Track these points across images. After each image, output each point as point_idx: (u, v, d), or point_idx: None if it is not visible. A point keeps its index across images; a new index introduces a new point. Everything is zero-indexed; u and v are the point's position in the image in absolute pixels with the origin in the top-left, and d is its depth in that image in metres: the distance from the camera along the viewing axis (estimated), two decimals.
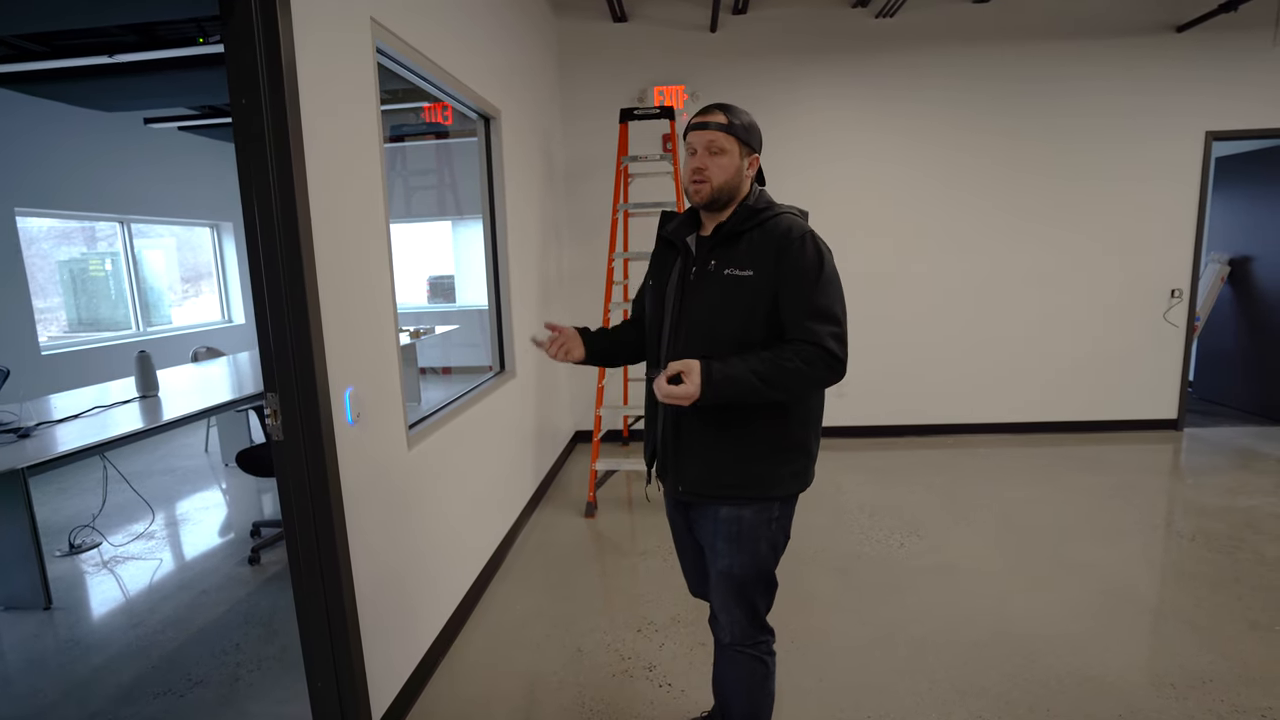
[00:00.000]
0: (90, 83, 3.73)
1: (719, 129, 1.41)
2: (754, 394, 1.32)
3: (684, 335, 1.45)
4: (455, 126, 5.43)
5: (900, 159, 4.47)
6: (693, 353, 1.39)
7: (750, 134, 1.44)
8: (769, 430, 1.43)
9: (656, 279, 1.56)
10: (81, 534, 3.41)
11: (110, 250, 5.73)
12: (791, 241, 1.37)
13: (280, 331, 1.56)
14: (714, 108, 1.44)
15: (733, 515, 1.46)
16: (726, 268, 1.40)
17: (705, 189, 1.42)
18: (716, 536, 1.48)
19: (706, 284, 1.42)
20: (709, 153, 1.41)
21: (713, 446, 1.44)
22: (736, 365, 1.33)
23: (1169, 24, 4.23)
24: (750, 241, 1.41)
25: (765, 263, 1.37)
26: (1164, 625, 2.39)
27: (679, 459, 1.49)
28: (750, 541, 1.47)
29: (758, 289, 1.37)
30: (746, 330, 1.39)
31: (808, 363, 1.33)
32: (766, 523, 1.47)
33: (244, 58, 1.45)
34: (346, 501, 1.70)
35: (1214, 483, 3.73)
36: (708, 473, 1.46)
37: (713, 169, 1.41)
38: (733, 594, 1.51)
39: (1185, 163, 4.39)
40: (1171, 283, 4.52)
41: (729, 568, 1.49)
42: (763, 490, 1.45)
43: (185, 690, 2.17)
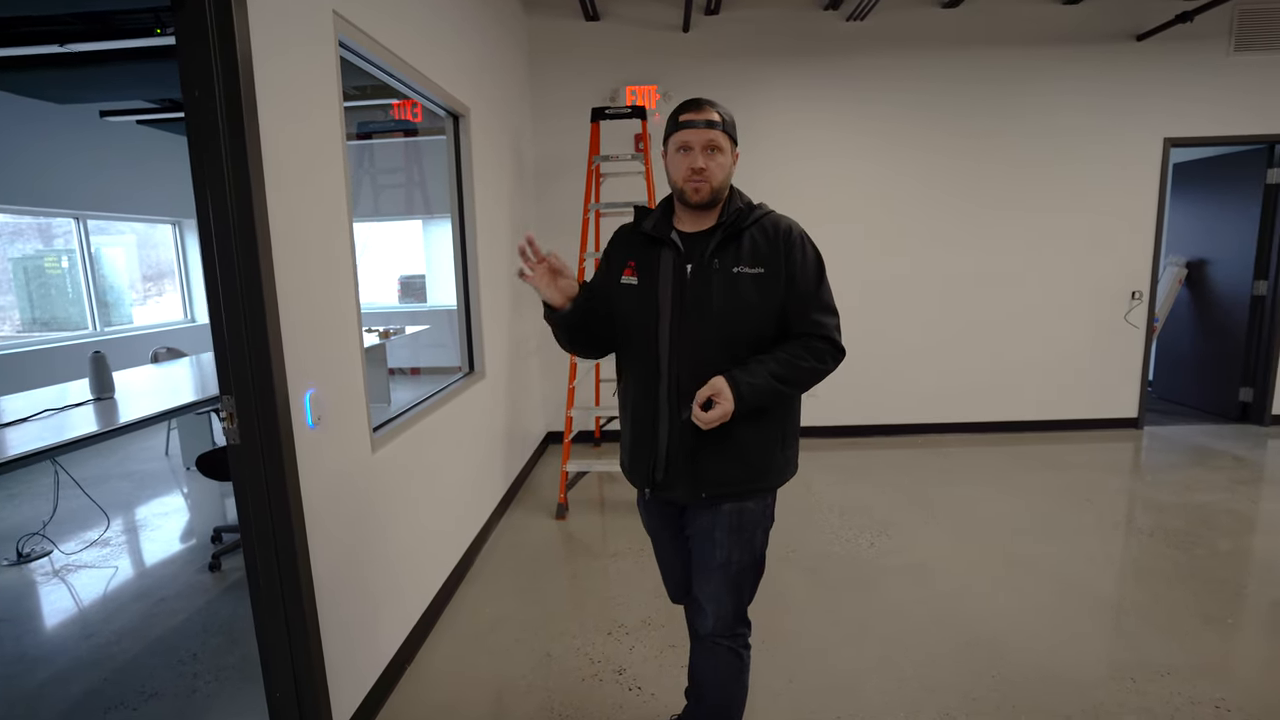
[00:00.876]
0: (41, 73, 3.59)
1: (713, 127, 1.40)
2: (777, 397, 1.40)
3: (690, 336, 1.42)
4: (425, 124, 5.36)
5: (868, 160, 4.52)
6: (708, 353, 1.40)
7: (736, 130, 1.47)
8: (778, 420, 1.47)
9: (643, 277, 1.48)
10: (31, 542, 3.28)
11: (66, 248, 5.54)
12: (794, 240, 1.43)
13: (237, 332, 1.51)
14: (704, 104, 1.41)
15: (735, 508, 1.48)
16: (735, 266, 1.40)
17: (706, 189, 1.40)
18: (715, 528, 1.49)
19: (713, 283, 1.41)
20: (708, 151, 1.39)
21: (733, 444, 1.44)
22: (759, 373, 1.37)
23: (1129, 33, 4.34)
24: (752, 239, 1.42)
25: (774, 260, 1.41)
26: (1124, 620, 2.44)
27: (695, 465, 1.46)
28: (749, 531, 1.49)
29: (769, 286, 1.40)
30: (761, 328, 1.42)
31: (819, 358, 1.41)
32: (764, 510, 1.51)
33: (196, 48, 1.41)
34: (307, 506, 1.66)
35: (1172, 480, 3.83)
36: (729, 473, 1.46)
37: (712, 169, 1.40)
38: (727, 585, 1.52)
39: (1145, 168, 4.51)
40: (1132, 285, 4.65)
41: (726, 559, 1.50)
42: (773, 479, 1.49)
43: (139, 703, 2.09)
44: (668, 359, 1.45)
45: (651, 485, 1.52)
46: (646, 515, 1.66)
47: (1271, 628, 2.38)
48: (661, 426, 1.48)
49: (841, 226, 4.57)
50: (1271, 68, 4.36)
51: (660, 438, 1.49)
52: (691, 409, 1.37)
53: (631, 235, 1.54)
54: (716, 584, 1.52)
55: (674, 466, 1.48)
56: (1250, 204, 4.77)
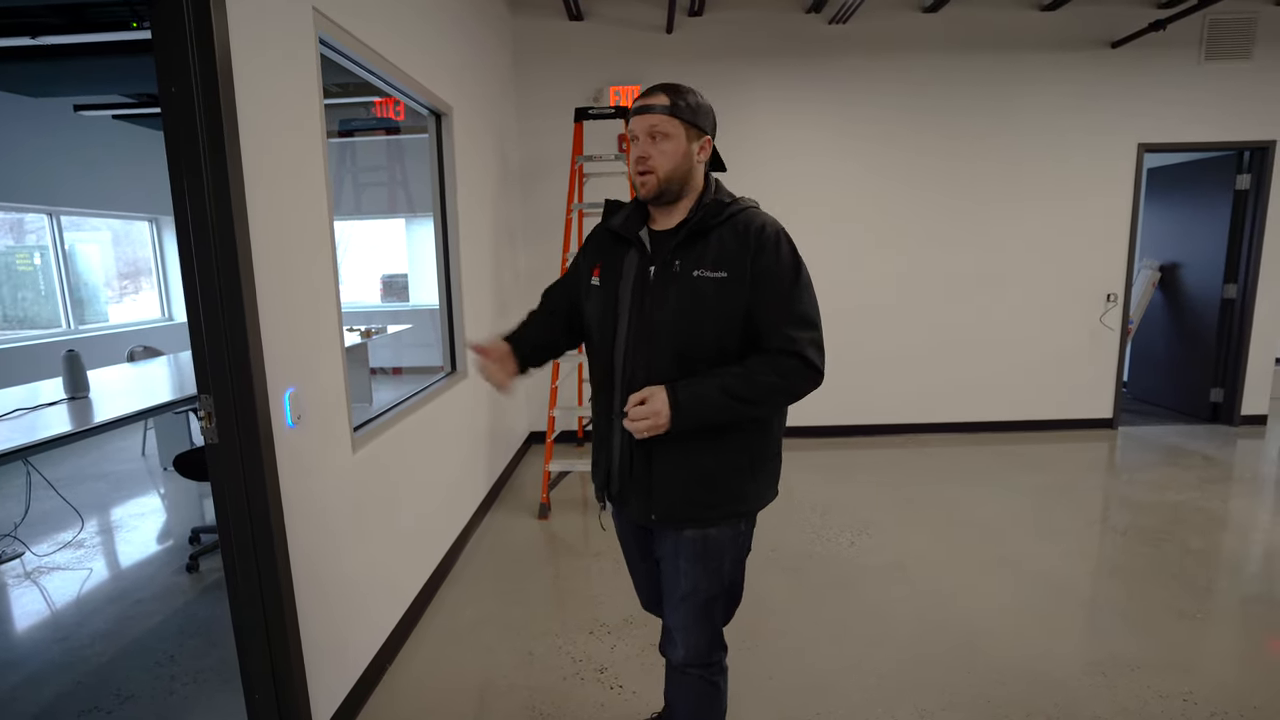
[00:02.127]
0: (13, 66, 3.52)
1: (662, 112, 1.25)
2: (728, 413, 1.23)
3: (646, 346, 1.29)
4: (407, 122, 5.32)
5: (849, 162, 4.57)
6: (661, 364, 1.27)
7: (699, 114, 1.28)
8: (746, 443, 1.33)
9: (605, 279, 1.37)
10: (2, 544, 3.21)
11: (39, 244, 5.42)
12: (766, 240, 1.25)
13: (214, 330, 1.49)
14: (656, 89, 1.28)
15: (698, 535, 1.35)
16: (696, 269, 1.26)
17: (651, 180, 1.27)
18: (679, 556, 1.37)
19: (672, 287, 1.27)
20: (651, 139, 1.26)
21: (687, 466, 1.31)
22: (705, 385, 1.22)
23: (1104, 40, 4.43)
24: (720, 239, 1.27)
25: (739, 263, 1.24)
26: (1098, 615, 2.49)
27: (648, 483, 1.34)
28: (715, 560, 1.36)
29: (733, 292, 1.24)
30: (722, 338, 1.26)
31: (785, 375, 1.23)
32: (733, 539, 1.38)
33: (174, 43, 1.39)
34: (286, 507, 1.65)
35: (1145, 479, 3.91)
36: (683, 495, 1.33)
37: (657, 157, 1.26)
38: (694, 615, 1.40)
39: (1119, 173, 4.60)
40: (1107, 287, 4.73)
41: (692, 589, 1.37)
42: (738, 506, 1.36)
43: (114, 706, 2.06)
44: (621, 367, 1.34)
45: (607, 497, 1.46)
46: (617, 523, 1.57)
47: (1239, 622, 2.44)
48: (615, 438, 1.38)
49: (822, 227, 4.61)
50: (1240, 76, 4.46)
51: (614, 450, 1.39)
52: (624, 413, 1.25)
53: (604, 234, 1.43)
54: (684, 614, 1.40)
55: (626, 482, 1.38)
56: (1220, 209, 4.88)
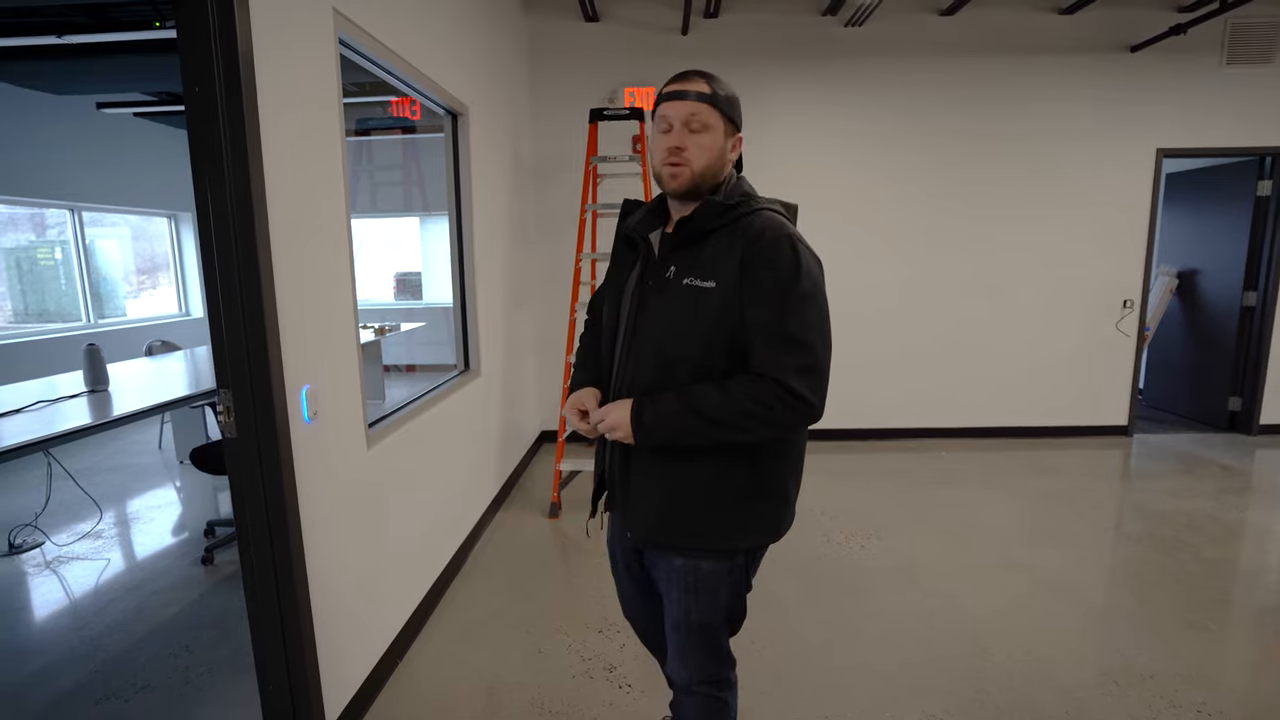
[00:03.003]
0: (39, 64, 3.59)
1: (702, 100, 1.16)
2: (697, 435, 1.12)
3: (633, 354, 1.22)
4: (423, 121, 5.36)
5: (864, 165, 4.55)
6: (643, 376, 1.20)
7: (734, 108, 1.20)
8: (735, 470, 1.20)
9: (612, 283, 1.33)
10: (23, 533, 3.27)
11: (60, 238, 5.51)
12: (763, 246, 1.12)
13: (234, 326, 1.52)
14: (693, 74, 1.18)
15: (689, 566, 1.26)
16: (687, 276, 1.15)
17: (685, 174, 1.16)
18: (671, 585, 1.30)
19: (663, 296, 1.18)
20: (688, 129, 1.16)
21: (662, 488, 1.22)
22: (672, 402, 1.13)
23: (1123, 44, 4.39)
24: (717, 244, 1.16)
25: (730, 271, 1.12)
26: (1110, 624, 2.47)
27: (628, 498, 1.28)
28: (709, 593, 1.27)
29: (721, 304, 1.12)
30: (706, 355, 1.15)
31: (764, 403, 1.09)
32: (727, 573, 1.27)
33: (198, 44, 1.42)
34: (302, 501, 1.67)
35: (1160, 487, 3.87)
36: (659, 518, 1.24)
37: (693, 150, 1.16)
38: (693, 642, 1.31)
39: (1137, 178, 4.55)
40: (1123, 293, 4.69)
41: (685, 618, 1.29)
42: (724, 541, 1.23)
43: (130, 695, 2.10)
44: (615, 377, 1.28)
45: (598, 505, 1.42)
46: (610, 532, 1.51)
47: (1254, 634, 2.41)
48: (605, 445, 1.34)
49: (836, 231, 4.60)
50: (1262, 80, 4.41)
51: (604, 458, 1.36)
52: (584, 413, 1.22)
53: (619, 236, 1.38)
54: (680, 642, 1.33)
55: (613, 493, 1.32)
56: (1241, 215, 4.82)
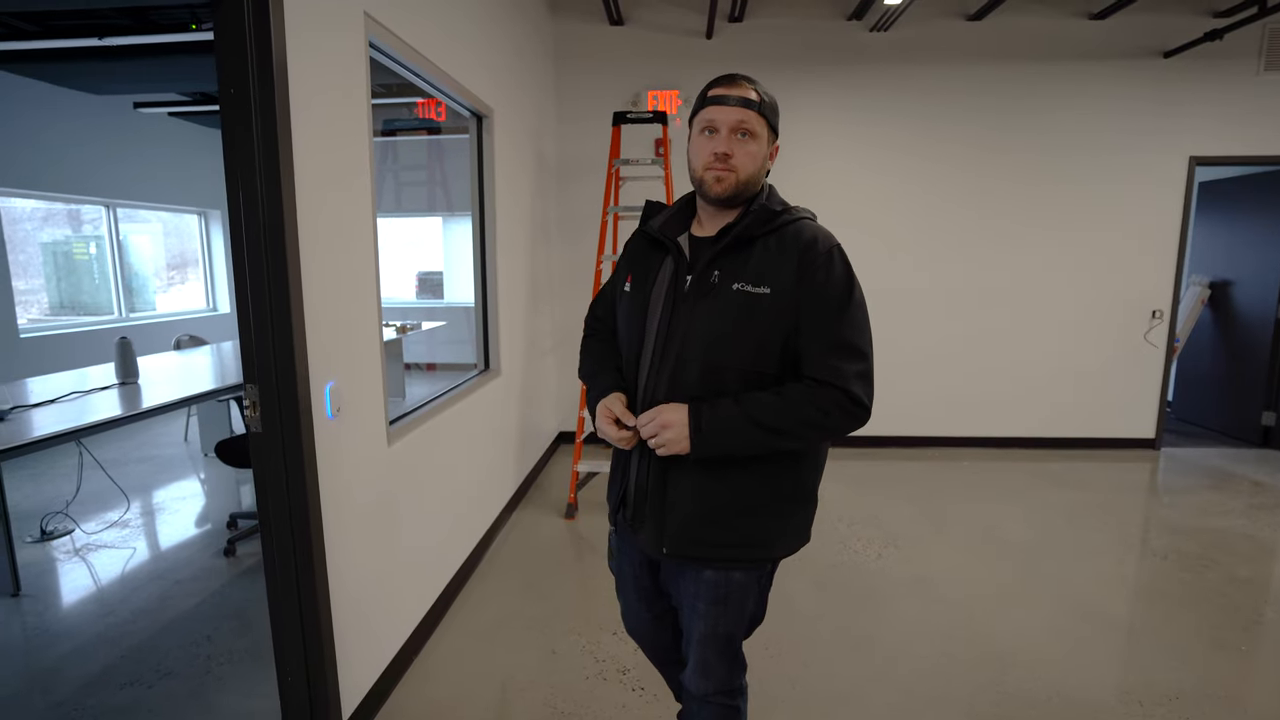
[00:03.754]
0: (80, 64, 3.69)
1: (749, 106, 1.14)
2: (756, 445, 1.13)
3: (673, 363, 1.19)
4: (449, 123, 5.42)
5: (889, 171, 4.51)
6: (686, 382, 1.17)
7: (777, 115, 1.21)
8: (776, 478, 1.20)
9: (638, 286, 1.27)
10: (54, 520, 3.36)
11: (95, 234, 5.66)
12: (817, 256, 1.13)
13: (262, 323, 1.55)
14: (740, 78, 1.18)
15: (720, 577, 1.24)
16: (736, 281, 1.14)
17: (730, 181, 1.16)
18: (699, 599, 1.27)
19: (708, 300, 1.16)
20: (736, 135, 1.15)
21: (704, 499, 1.20)
22: (731, 411, 1.11)
23: (1156, 50, 4.30)
24: (765, 250, 1.16)
25: (785, 279, 1.13)
26: (1135, 642, 2.42)
27: (661, 512, 1.23)
28: (738, 602, 1.27)
29: (775, 312, 1.13)
30: (757, 362, 1.15)
31: (824, 410, 1.11)
32: (756, 581, 1.28)
33: (233, 46, 1.45)
34: (323, 496, 1.69)
35: (1188, 503, 3.78)
36: (698, 530, 1.21)
37: (740, 157, 1.15)
38: (716, 652, 1.30)
39: (1168, 186, 4.46)
40: (1152, 304, 4.59)
41: (712, 630, 1.27)
42: (764, 551, 1.24)
43: (154, 681, 2.14)
44: (644, 382, 1.24)
45: (619, 518, 1.37)
46: (618, 552, 1.45)
47: None
48: (633, 458, 1.28)
49: (860, 237, 4.57)
50: None
51: (631, 469, 1.30)
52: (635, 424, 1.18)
53: (640, 238, 1.34)
54: (704, 654, 1.31)
55: (641, 507, 1.27)
56: (1277, 225, 4.70)
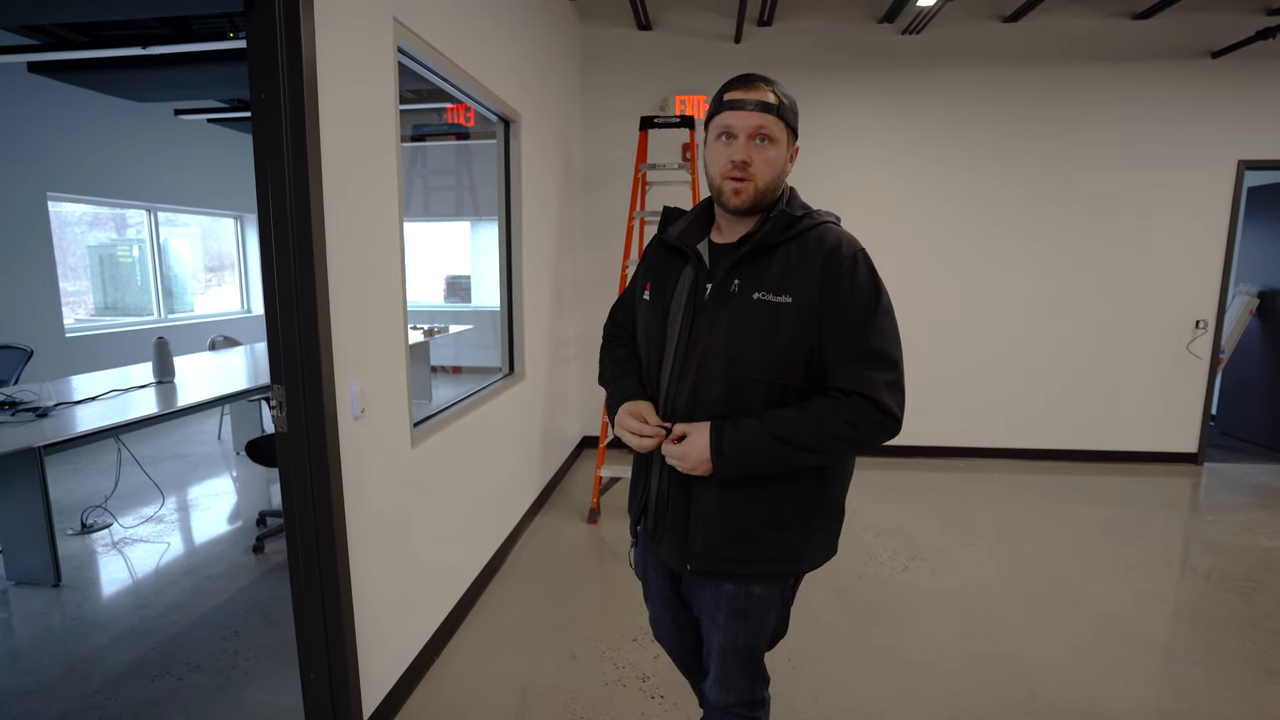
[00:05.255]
0: (124, 73, 3.81)
1: (767, 110, 1.10)
2: (781, 463, 1.10)
3: (694, 374, 1.15)
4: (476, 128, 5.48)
5: (921, 177, 4.43)
6: (707, 395, 1.14)
7: (797, 116, 1.16)
8: (803, 492, 1.17)
9: (657, 294, 1.24)
10: (93, 514, 3.47)
11: (138, 237, 5.85)
12: (841, 262, 1.09)
13: (289, 324, 1.57)
14: (756, 79, 1.13)
15: (741, 591, 1.21)
16: (757, 290, 1.10)
17: (749, 190, 1.12)
18: (719, 611, 1.25)
19: (728, 309, 1.13)
20: (754, 141, 1.11)
21: (730, 516, 1.17)
22: (755, 430, 1.08)
23: (1204, 50, 4.16)
24: (787, 258, 1.11)
25: (807, 287, 1.09)
26: (1174, 665, 2.32)
27: (684, 528, 1.21)
28: (758, 617, 1.24)
29: (798, 321, 1.09)
30: (781, 373, 1.11)
31: (853, 423, 1.07)
32: (779, 595, 1.25)
33: (265, 52, 1.48)
34: (347, 496, 1.71)
35: (1234, 520, 3.63)
36: (722, 548, 1.18)
37: (759, 165, 1.10)
38: (736, 665, 1.29)
39: (1215, 191, 4.30)
40: (1197, 313, 4.43)
41: (732, 643, 1.25)
42: (790, 565, 1.21)
43: (184, 674, 2.19)
44: (665, 394, 1.21)
45: (640, 529, 1.36)
46: (641, 562, 1.43)
47: None
48: (654, 469, 1.26)
49: (893, 246, 4.50)
50: None
51: (652, 482, 1.27)
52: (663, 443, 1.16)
53: (659, 245, 1.30)
54: (723, 666, 1.29)
55: (662, 521, 1.25)
56: None
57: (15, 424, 2.59)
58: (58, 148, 4.69)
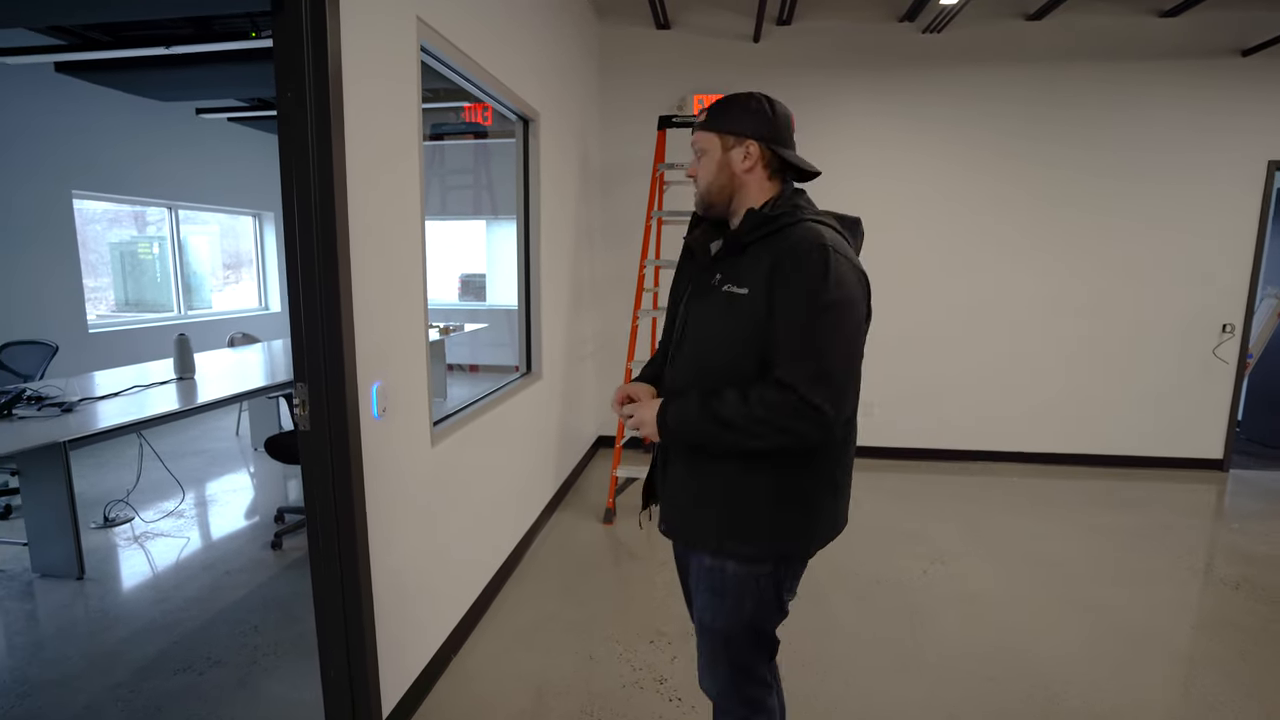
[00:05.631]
0: (148, 73, 3.86)
1: (698, 128, 1.30)
2: (715, 440, 1.17)
3: (678, 359, 1.30)
4: (494, 127, 5.49)
5: (941, 177, 4.38)
6: (684, 379, 1.27)
7: (732, 119, 1.24)
8: (756, 473, 1.21)
9: (674, 291, 1.42)
10: (116, 508, 3.51)
11: (158, 234, 5.92)
12: (794, 258, 1.13)
13: (313, 323, 1.58)
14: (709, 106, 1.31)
15: (716, 566, 1.28)
16: (726, 283, 1.21)
17: (697, 194, 1.31)
18: (699, 585, 1.32)
19: (703, 301, 1.27)
20: (696, 155, 1.31)
21: (692, 485, 1.28)
22: (693, 407, 1.18)
23: (1233, 48, 4.08)
24: (755, 254, 1.20)
25: (760, 280, 1.16)
26: (1201, 677, 2.28)
27: (664, 492, 1.36)
28: (734, 598, 1.27)
29: (751, 311, 1.16)
30: (738, 361, 1.19)
31: (775, 411, 1.10)
32: (753, 579, 1.26)
33: (292, 50, 1.48)
34: (368, 494, 1.72)
35: (1262, 529, 3.55)
36: (687, 514, 1.30)
37: (699, 173, 1.30)
38: (712, 648, 1.34)
39: (1244, 192, 4.22)
40: (1223, 317, 4.35)
41: (710, 621, 1.31)
42: (747, 548, 1.24)
43: (205, 669, 2.21)
44: (666, 378, 1.36)
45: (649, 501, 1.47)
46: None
47: None
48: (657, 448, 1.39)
49: (912, 245, 4.45)
50: None
51: (656, 458, 1.42)
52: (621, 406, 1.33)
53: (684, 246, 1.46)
54: (704, 648, 1.36)
55: (652, 490, 1.41)
56: None
57: (41, 419, 2.63)
58: (82, 146, 4.75)
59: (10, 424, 2.57)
